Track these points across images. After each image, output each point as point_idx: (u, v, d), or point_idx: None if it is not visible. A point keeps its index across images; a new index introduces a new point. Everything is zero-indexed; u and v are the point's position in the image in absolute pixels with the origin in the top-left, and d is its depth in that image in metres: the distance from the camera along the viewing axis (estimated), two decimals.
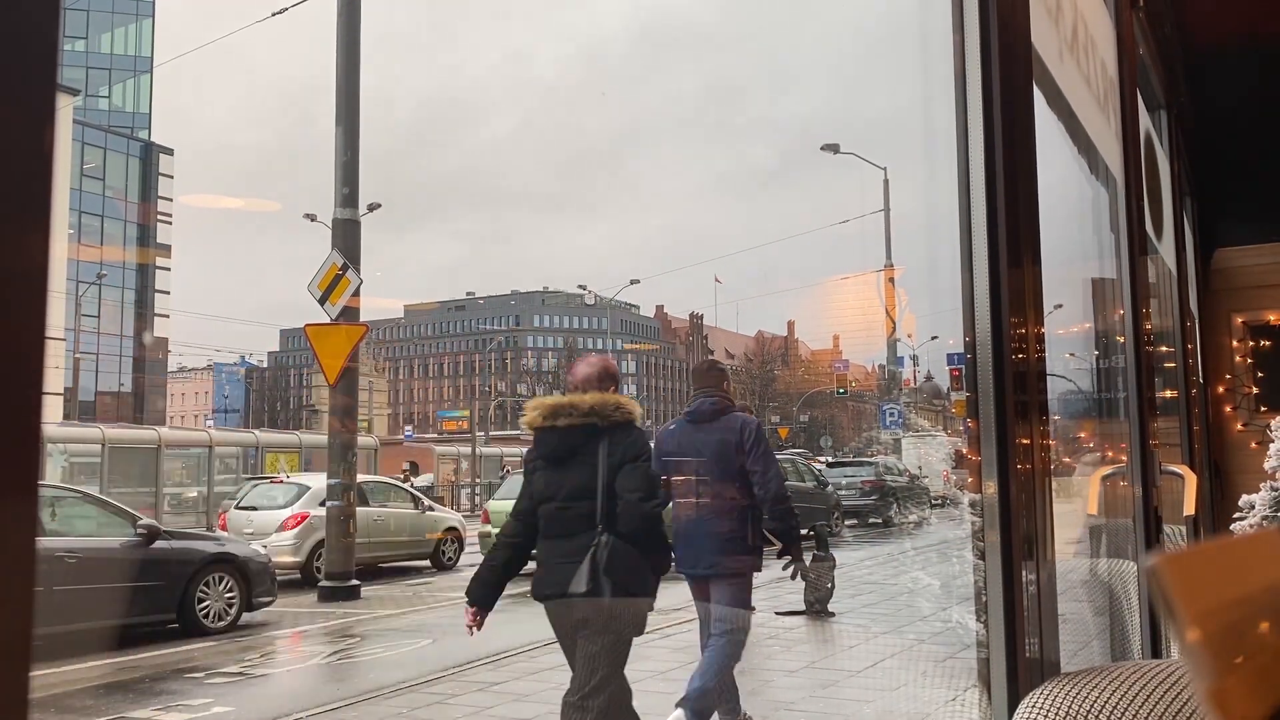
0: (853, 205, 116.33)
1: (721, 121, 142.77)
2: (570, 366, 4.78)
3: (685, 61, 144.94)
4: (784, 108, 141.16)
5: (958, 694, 6.48)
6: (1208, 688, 0.68)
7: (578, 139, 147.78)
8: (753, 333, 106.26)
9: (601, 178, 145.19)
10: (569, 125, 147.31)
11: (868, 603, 10.41)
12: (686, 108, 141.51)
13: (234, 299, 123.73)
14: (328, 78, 13.10)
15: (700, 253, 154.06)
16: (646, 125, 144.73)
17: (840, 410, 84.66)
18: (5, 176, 0.50)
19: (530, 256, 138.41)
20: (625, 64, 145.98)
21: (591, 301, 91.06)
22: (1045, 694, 1.29)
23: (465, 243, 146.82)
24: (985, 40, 1.77)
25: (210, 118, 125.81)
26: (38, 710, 3.17)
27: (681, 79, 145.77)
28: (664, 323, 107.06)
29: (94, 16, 63.28)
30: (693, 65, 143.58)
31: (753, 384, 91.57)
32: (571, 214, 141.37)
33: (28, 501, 0.49)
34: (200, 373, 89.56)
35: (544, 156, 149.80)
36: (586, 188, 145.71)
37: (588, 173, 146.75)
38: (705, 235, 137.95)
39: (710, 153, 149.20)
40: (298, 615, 11.40)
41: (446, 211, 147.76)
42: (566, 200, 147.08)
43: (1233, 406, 5.34)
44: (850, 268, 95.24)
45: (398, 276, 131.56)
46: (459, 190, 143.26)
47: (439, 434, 58.68)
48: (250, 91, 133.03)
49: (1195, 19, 4.12)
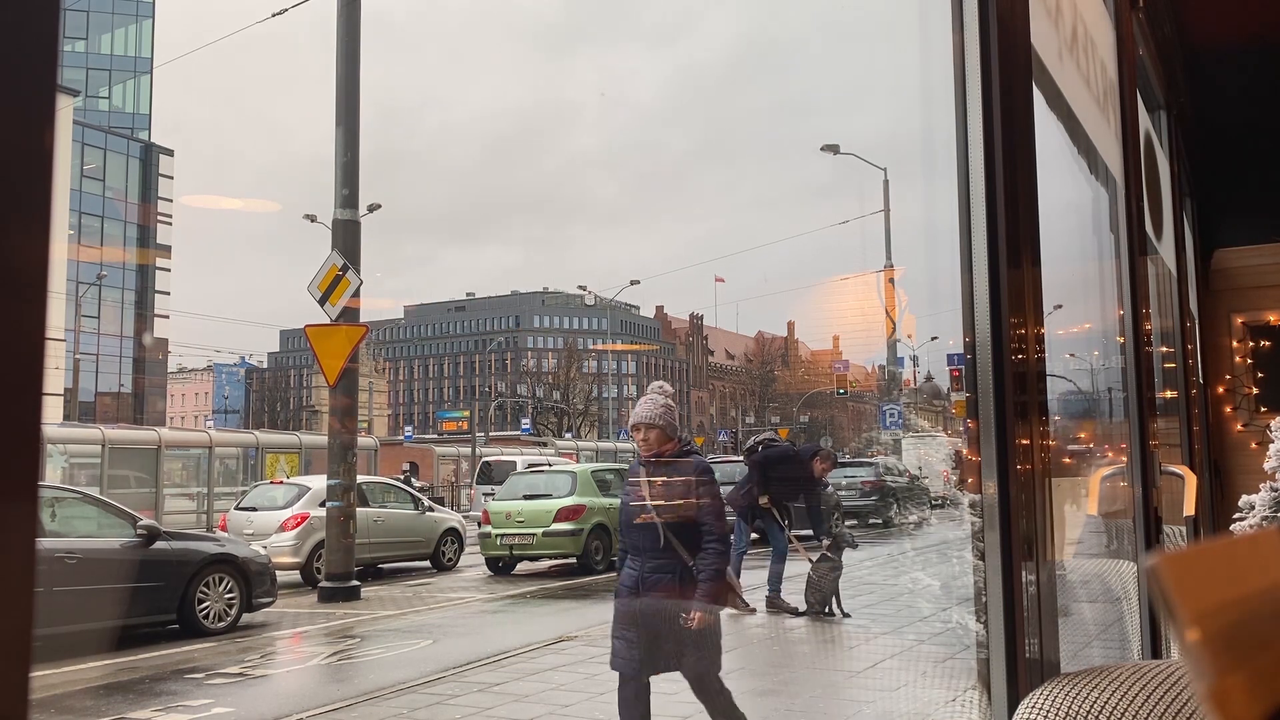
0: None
1: (788, 138, 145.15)
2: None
3: (766, 81, 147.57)
4: (848, 125, 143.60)
5: (958, 694, 6.47)
6: (1208, 688, 0.68)
7: (652, 155, 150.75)
8: (753, 333, 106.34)
9: (665, 193, 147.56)
10: (646, 143, 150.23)
11: (868, 603, 10.41)
12: (759, 125, 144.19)
13: (234, 299, 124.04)
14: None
15: (741, 264, 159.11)
16: (717, 142, 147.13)
17: (840, 411, 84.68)
18: (5, 176, 0.50)
19: (581, 266, 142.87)
20: (717, 86, 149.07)
21: (591, 302, 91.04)
22: (1045, 694, 1.29)
23: (523, 250, 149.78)
24: (985, 40, 1.77)
25: (211, 117, 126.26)
26: (38, 710, 3.14)
27: (757, 98, 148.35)
28: (664, 323, 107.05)
29: (94, 17, 63.29)
30: (771, 84, 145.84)
31: (753, 384, 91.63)
32: (630, 226, 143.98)
33: (28, 501, 0.49)
34: (200, 373, 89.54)
35: (616, 171, 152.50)
36: (650, 201, 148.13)
37: (653, 186, 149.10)
38: (746, 244, 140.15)
39: (769, 169, 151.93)
40: (298, 616, 11.40)
41: (510, 220, 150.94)
42: (627, 213, 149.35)
43: (1233, 407, 5.34)
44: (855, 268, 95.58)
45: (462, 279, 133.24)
46: (525, 202, 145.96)
47: (439, 435, 58.70)
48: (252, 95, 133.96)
49: (1195, 19, 4.12)
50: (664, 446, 4.83)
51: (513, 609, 11.77)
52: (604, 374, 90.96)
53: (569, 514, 14.81)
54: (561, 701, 6.52)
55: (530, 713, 6.27)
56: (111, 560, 9.22)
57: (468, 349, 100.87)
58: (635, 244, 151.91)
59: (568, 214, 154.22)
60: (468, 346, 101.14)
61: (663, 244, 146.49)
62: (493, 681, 7.11)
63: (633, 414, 4.97)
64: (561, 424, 74.87)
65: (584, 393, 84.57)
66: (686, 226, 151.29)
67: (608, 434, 73.59)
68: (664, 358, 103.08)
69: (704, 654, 4.83)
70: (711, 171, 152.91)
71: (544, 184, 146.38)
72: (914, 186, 39.74)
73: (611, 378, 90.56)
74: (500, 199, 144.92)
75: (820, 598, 9.56)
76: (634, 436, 4.97)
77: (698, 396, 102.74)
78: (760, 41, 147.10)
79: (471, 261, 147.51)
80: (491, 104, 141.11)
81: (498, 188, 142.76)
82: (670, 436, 4.85)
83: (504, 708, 6.40)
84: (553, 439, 55.38)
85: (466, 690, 6.87)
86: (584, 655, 8.02)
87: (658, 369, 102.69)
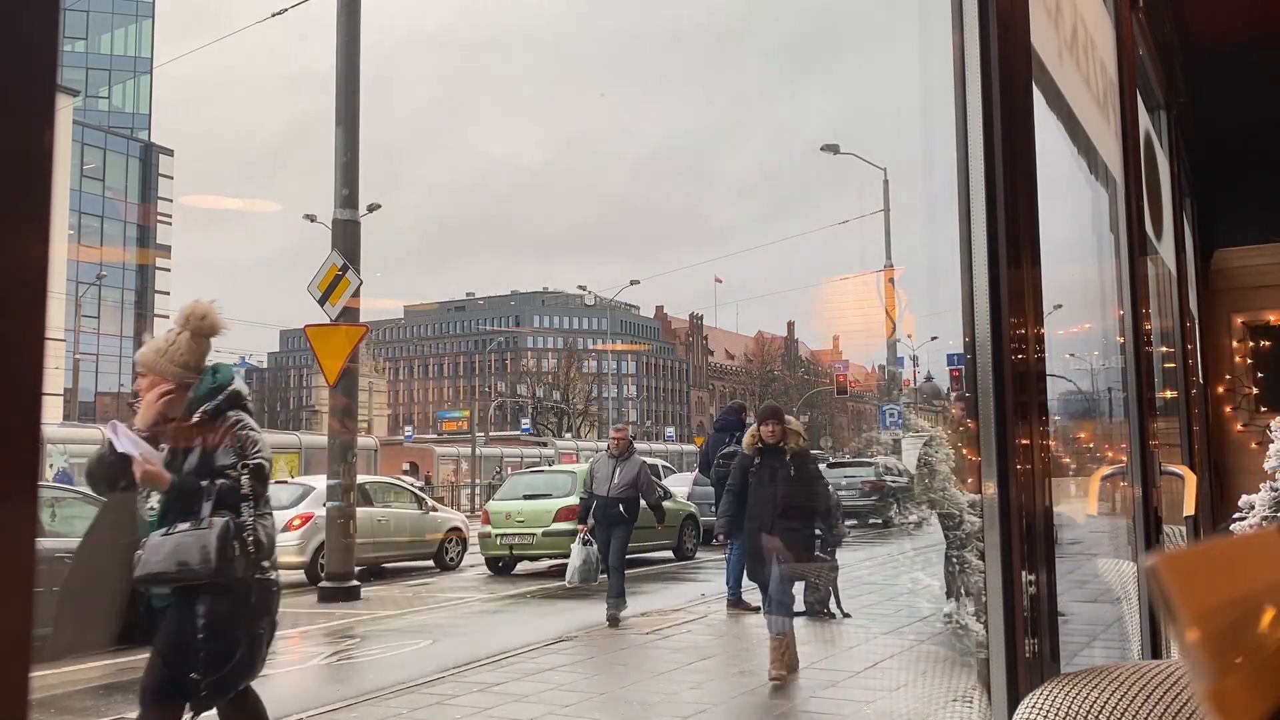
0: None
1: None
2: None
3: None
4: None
5: (958, 694, 6.47)
6: (1208, 688, 0.69)
7: (762, 176, 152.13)
8: (753, 333, 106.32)
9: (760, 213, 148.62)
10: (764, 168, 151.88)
11: (868, 603, 10.41)
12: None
13: (234, 299, 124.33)
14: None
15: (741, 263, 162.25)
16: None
17: (840, 411, 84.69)
18: (5, 176, 0.50)
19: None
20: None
21: (591, 302, 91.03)
22: (1045, 694, 1.29)
23: (623, 267, 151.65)
24: (985, 40, 1.77)
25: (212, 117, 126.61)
26: (38, 710, 3.15)
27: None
28: (664, 323, 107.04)
29: (94, 17, 63.28)
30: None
31: (753, 384, 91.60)
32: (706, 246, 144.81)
33: (28, 501, 0.49)
34: None
35: (730, 191, 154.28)
36: (747, 221, 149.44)
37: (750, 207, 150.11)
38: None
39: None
40: (298, 616, 11.39)
41: (601, 239, 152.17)
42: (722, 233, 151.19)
43: (1233, 407, 5.34)
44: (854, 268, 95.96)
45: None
46: (614, 222, 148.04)
47: (439, 435, 58.70)
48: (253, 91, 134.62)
49: (1195, 19, 4.12)
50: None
51: (513, 609, 11.77)
52: (604, 374, 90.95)
53: (569, 514, 14.80)
54: (561, 701, 6.52)
55: (530, 713, 6.27)
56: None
57: (467, 349, 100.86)
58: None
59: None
60: (467, 346, 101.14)
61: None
62: (493, 681, 7.11)
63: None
64: (561, 424, 74.88)
65: (584, 393, 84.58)
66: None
67: (607, 434, 73.56)
68: (664, 357, 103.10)
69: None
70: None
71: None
72: (914, 187, 39.75)
73: (611, 378, 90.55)
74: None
75: (819, 597, 9.55)
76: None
77: (698, 396, 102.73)
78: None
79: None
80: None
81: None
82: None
83: (504, 708, 6.40)
84: (553, 439, 55.42)
85: (466, 690, 6.87)
86: (584, 655, 8.02)
87: (658, 369, 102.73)
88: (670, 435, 74.84)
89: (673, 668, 7.48)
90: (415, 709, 6.44)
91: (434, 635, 9.66)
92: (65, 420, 32.74)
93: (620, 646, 8.39)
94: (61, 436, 20.90)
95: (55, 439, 20.16)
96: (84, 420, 39.54)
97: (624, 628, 9.27)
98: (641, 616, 9.89)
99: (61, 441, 20.59)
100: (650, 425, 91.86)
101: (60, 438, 20.69)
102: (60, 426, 23.18)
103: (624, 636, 8.96)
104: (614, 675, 7.30)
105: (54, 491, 10.19)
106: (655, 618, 9.77)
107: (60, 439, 20.62)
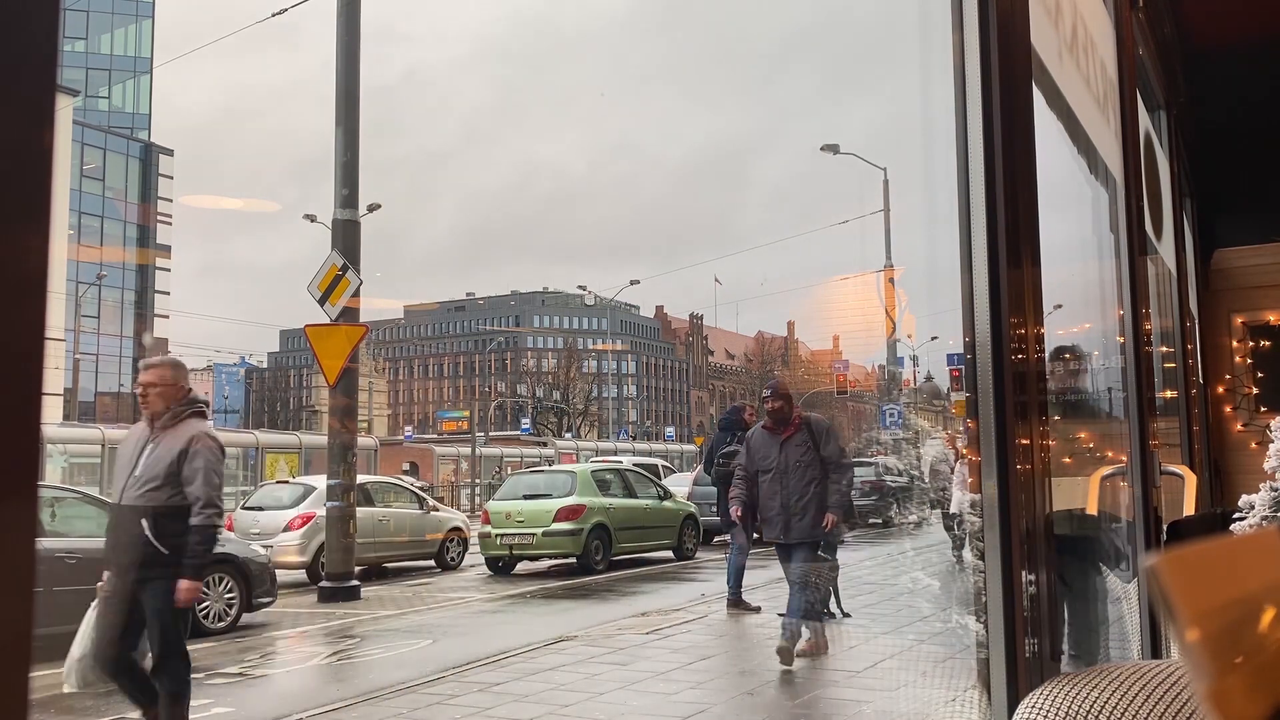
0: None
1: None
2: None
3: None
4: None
5: (958, 694, 6.47)
6: (1208, 688, 0.69)
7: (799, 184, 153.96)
8: (753, 333, 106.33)
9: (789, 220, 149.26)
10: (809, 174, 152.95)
11: (868, 603, 10.41)
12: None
13: (234, 299, 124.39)
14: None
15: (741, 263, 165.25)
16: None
17: (840, 411, 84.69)
18: (5, 176, 0.50)
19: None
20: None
21: (591, 302, 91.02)
22: (1045, 694, 1.29)
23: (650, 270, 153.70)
24: (985, 40, 1.77)
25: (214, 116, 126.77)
26: (38, 710, 3.14)
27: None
28: (664, 323, 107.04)
29: (94, 17, 63.29)
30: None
31: (753, 384, 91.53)
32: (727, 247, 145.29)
33: (28, 501, 0.49)
34: (200, 373, 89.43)
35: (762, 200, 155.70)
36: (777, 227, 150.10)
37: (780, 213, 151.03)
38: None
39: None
40: (298, 616, 11.40)
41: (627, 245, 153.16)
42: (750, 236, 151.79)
43: (1233, 407, 5.34)
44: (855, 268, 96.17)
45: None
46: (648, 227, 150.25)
47: (439, 435, 58.69)
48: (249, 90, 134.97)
49: (1195, 19, 4.12)
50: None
51: (513, 609, 11.77)
52: (604, 374, 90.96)
53: (569, 514, 14.81)
54: (561, 701, 6.52)
55: (530, 713, 6.27)
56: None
57: (467, 349, 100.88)
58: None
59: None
60: (467, 346, 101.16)
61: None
62: (493, 681, 7.11)
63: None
64: (561, 424, 74.87)
65: (584, 393, 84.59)
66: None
67: (607, 434, 73.60)
68: (664, 357, 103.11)
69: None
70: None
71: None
72: (914, 187, 39.78)
73: (611, 378, 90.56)
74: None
75: (820, 597, 9.56)
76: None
77: (697, 396, 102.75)
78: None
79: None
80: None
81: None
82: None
83: (504, 708, 6.40)
84: (553, 439, 55.42)
85: (466, 690, 6.87)
86: (584, 655, 8.02)
87: (658, 369, 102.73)
88: (670, 435, 74.88)
89: (673, 668, 7.48)
90: (415, 709, 6.44)
91: (434, 635, 9.66)
92: (65, 420, 32.75)
93: (620, 646, 8.38)
94: (61, 436, 20.91)
95: (55, 439, 20.17)
96: (84, 420, 39.56)
97: (624, 628, 9.27)
98: (641, 616, 9.89)
99: (61, 441, 20.60)
100: (650, 425, 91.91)
101: (60, 438, 20.70)
102: (60, 426, 23.18)
103: (624, 636, 8.96)
104: (613, 675, 7.30)
105: (54, 491, 10.20)
106: (655, 618, 9.77)
107: (60, 439, 20.62)
